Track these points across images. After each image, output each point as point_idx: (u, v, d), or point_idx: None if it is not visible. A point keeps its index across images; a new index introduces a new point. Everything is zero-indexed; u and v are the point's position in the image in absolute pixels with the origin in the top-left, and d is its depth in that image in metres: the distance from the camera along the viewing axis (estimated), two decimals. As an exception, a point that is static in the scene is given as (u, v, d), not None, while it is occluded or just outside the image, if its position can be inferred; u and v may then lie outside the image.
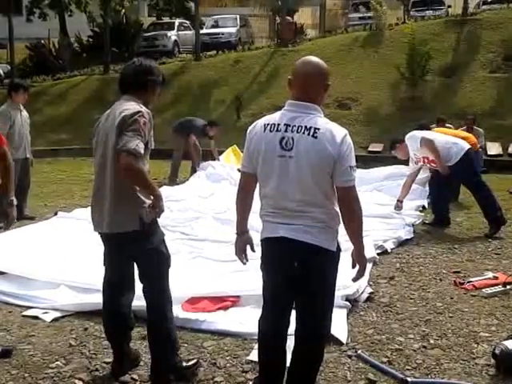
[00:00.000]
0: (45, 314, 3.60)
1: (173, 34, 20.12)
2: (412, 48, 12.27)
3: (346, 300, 3.69)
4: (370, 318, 3.59)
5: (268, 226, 2.35)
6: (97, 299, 3.19)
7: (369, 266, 4.49)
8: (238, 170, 4.94)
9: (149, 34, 20.47)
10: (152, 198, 2.68)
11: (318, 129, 2.19)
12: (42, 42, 20.18)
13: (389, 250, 5.03)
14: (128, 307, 2.90)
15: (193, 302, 3.68)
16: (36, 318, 3.58)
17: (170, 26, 21.09)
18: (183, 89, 14.44)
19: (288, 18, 17.91)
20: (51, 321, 3.53)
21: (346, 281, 3.76)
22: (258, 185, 2.42)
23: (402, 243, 5.28)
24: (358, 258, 2.36)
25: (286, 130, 2.24)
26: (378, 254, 4.83)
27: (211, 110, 13.01)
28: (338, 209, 2.27)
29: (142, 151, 2.59)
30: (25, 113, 6.28)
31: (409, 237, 5.44)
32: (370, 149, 10.95)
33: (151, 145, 2.78)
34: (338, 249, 2.35)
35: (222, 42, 18.92)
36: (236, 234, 2.53)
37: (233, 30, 20.65)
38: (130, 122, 2.61)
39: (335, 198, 2.26)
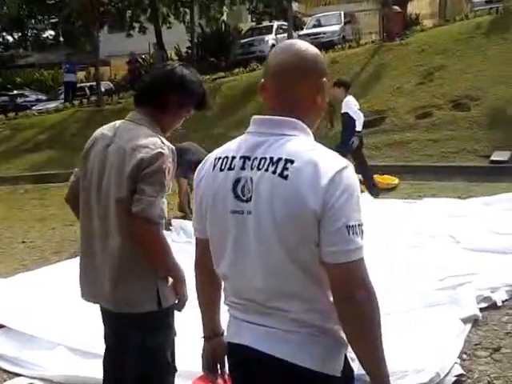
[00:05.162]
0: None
1: (270, 38, 19.89)
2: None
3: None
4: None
5: (232, 323, 1.55)
6: (93, 370, 2.75)
7: (465, 328, 3.45)
8: None
9: (245, 40, 20.46)
10: (171, 279, 2.12)
11: (291, 161, 1.36)
12: (137, 57, 20.81)
13: (499, 304, 3.88)
14: None
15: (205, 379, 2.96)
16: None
17: (268, 30, 20.96)
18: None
19: (395, 7, 16.68)
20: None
21: (417, 361, 2.86)
22: None
23: (519, 293, 4.07)
24: None
25: (242, 167, 1.43)
26: (481, 310, 3.72)
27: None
28: None
29: (166, 215, 2.04)
30: None
31: (530, 282, 4.21)
32: (492, 158, 9.47)
33: (170, 188, 2.14)
34: (347, 372, 1.44)
35: (323, 42, 18.20)
36: (203, 339, 1.72)
37: (336, 27, 19.90)
38: (151, 173, 2.00)
39: None
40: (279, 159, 1.37)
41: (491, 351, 3.24)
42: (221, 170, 1.48)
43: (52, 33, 37.08)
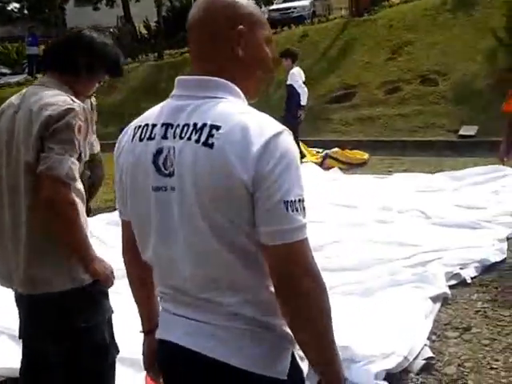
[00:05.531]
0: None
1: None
2: (513, 7, 10.49)
3: (386, 379, 2.56)
4: (422, 407, 2.46)
5: (162, 317, 1.32)
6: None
7: (434, 307, 3.30)
8: None
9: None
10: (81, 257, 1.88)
11: (218, 127, 1.13)
12: (102, 30, 20.11)
13: (468, 281, 3.74)
14: None
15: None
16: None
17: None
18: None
19: (364, -18, 16.35)
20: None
21: (385, 344, 2.69)
22: None
23: (488, 269, 3.91)
24: None
25: (164, 136, 1.19)
26: (450, 288, 3.58)
27: (271, 94, 11.95)
28: None
29: (77, 175, 1.82)
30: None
31: (499, 259, 4.05)
32: (460, 132, 9.39)
33: (86, 154, 1.95)
34: (295, 374, 1.22)
35: (293, 18, 17.93)
36: (143, 334, 1.49)
37: (306, 2, 19.61)
38: (59, 129, 1.81)
39: None
40: (203, 125, 1.13)
41: (461, 331, 3.09)
42: (140, 139, 1.23)
43: (17, 5, 35.72)
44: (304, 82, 7.56)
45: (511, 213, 4.89)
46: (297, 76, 7.28)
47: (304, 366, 1.23)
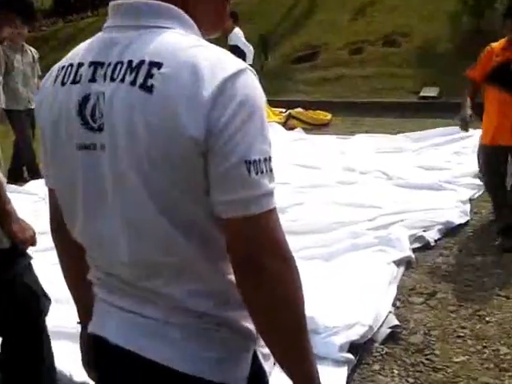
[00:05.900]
0: None
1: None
2: (478, -34, 10.28)
3: (350, 350, 2.39)
4: (387, 380, 2.30)
5: (96, 307, 1.05)
6: None
7: (398, 272, 3.15)
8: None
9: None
10: None
11: (159, 65, 0.84)
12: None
13: (432, 244, 3.61)
14: None
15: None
16: None
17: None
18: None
19: None
20: None
21: (348, 314, 2.52)
22: None
23: (452, 231, 3.78)
24: None
25: (92, 78, 0.90)
26: (414, 251, 3.43)
27: (234, 53, 11.56)
28: None
29: None
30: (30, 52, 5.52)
31: (463, 221, 3.92)
32: (422, 94, 9.26)
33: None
34: (257, 378, 0.97)
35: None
36: (79, 326, 1.18)
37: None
38: None
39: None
40: (141, 63, 0.85)
41: (426, 297, 2.95)
42: (62, 84, 0.93)
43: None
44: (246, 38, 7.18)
45: (473, 174, 4.73)
46: (240, 35, 6.90)
47: (268, 365, 0.99)
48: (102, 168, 0.89)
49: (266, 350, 0.95)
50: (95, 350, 1.03)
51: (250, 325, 0.93)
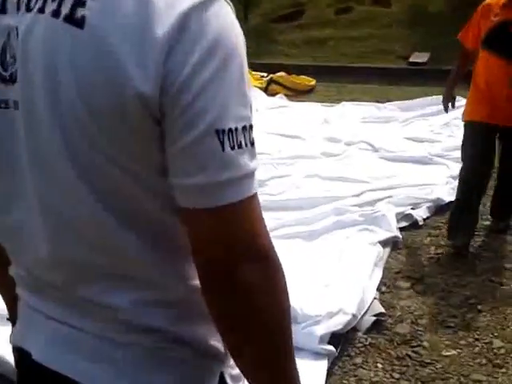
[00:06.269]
0: None
1: None
2: None
3: (331, 341, 2.19)
4: (370, 375, 2.11)
5: (20, 313, 0.80)
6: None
7: (384, 253, 2.95)
8: None
9: None
10: None
11: None
12: None
13: (420, 222, 3.40)
14: None
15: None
16: None
17: None
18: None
19: None
20: None
21: (331, 301, 2.33)
22: None
23: (441, 209, 3.56)
24: None
25: (2, 9, 0.62)
26: (400, 230, 3.23)
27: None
28: None
29: None
30: None
31: (453, 198, 3.72)
32: (411, 59, 8.94)
33: None
34: None
35: None
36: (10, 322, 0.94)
37: None
38: None
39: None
40: None
41: (413, 281, 2.75)
42: None
43: None
44: None
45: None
46: None
47: None
48: (15, 133, 0.64)
49: (236, 371, 0.73)
50: (18, 367, 0.80)
51: (216, 342, 0.71)
